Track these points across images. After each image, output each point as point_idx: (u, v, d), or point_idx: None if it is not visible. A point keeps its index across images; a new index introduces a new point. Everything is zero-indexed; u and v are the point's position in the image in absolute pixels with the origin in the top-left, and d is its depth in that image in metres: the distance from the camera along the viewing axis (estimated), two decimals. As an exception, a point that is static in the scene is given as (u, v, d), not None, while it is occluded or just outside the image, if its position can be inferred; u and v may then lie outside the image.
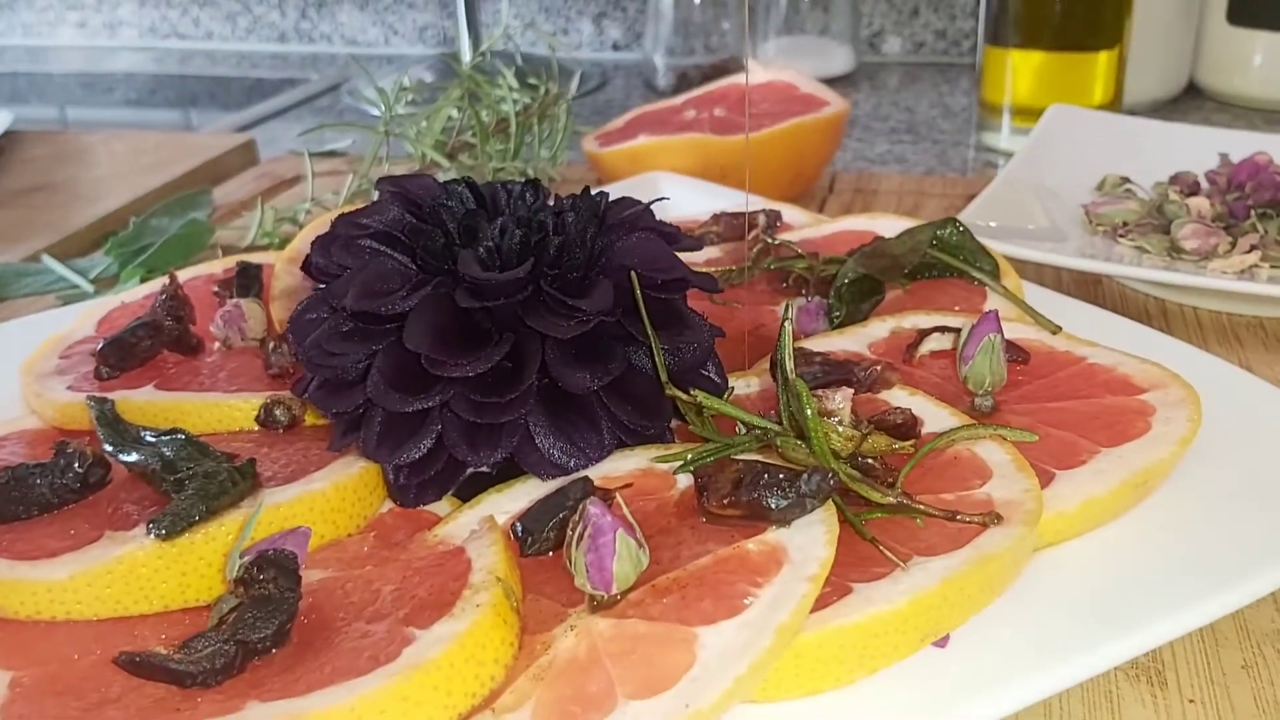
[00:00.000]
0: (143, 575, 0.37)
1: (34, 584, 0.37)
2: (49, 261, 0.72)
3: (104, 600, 0.37)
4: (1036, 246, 0.62)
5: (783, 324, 0.40)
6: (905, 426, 0.40)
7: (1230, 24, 1.11)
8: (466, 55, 1.28)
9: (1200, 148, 0.78)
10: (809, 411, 0.37)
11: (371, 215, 0.46)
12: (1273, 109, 1.11)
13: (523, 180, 0.48)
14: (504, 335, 0.42)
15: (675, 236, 0.47)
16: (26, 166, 0.94)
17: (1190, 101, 1.15)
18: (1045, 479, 0.40)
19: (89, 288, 0.69)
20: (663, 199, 0.47)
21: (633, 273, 0.43)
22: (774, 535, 0.35)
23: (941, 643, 0.35)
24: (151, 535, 0.37)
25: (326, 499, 0.40)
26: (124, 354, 0.49)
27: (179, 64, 1.52)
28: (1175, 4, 1.10)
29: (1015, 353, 0.47)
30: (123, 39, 1.60)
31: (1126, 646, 0.35)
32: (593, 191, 0.47)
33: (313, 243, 0.46)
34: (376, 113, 1.19)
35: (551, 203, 0.47)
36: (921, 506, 0.37)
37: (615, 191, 0.47)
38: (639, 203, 0.48)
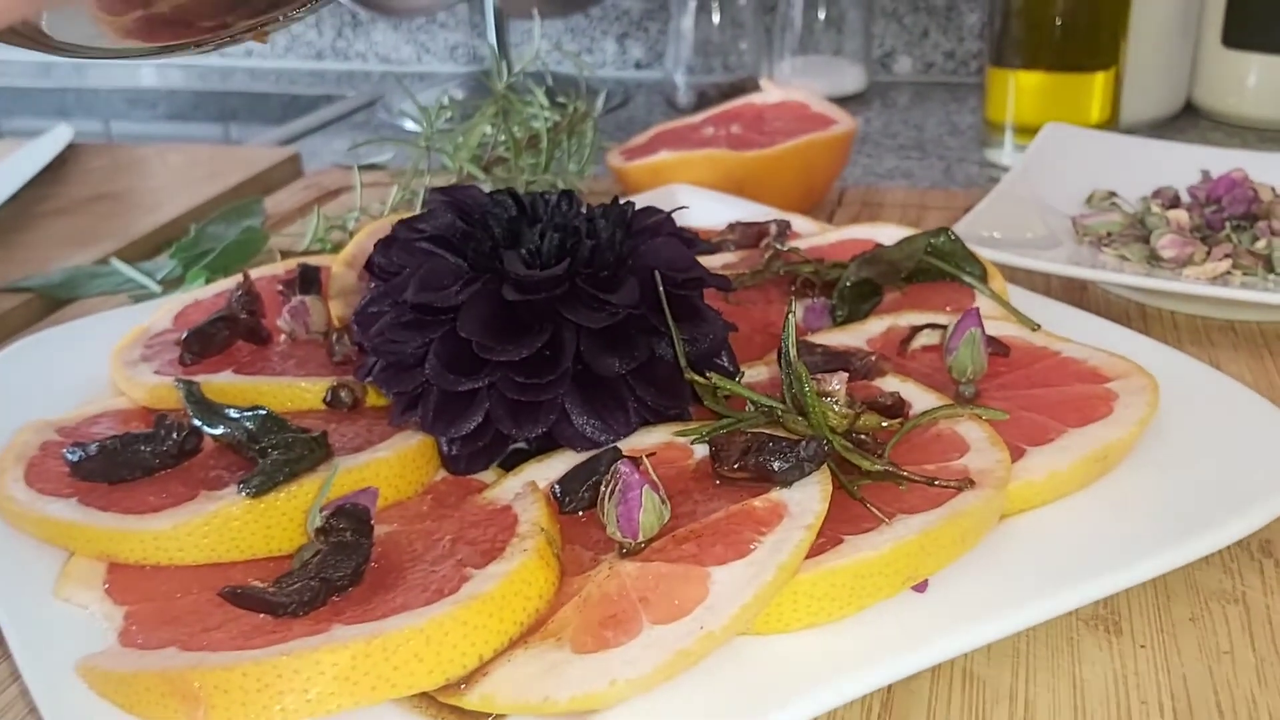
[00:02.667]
0: (234, 527, 0.43)
1: (142, 534, 0.43)
2: (117, 264, 0.79)
3: (200, 548, 0.43)
4: (1025, 254, 0.68)
5: (787, 316, 0.46)
6: (894, 407, 0.46)
7: (1225, 46, 1.16)
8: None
9: (1187, 164, 0.83)
10: (808, 390, 0.43)
11: (426, 221, 0.52)
12: (1266, 128, 1.16)
13: (557, 192, 0.54)
14: (543, 326, 0.48)
15: (694, 241, 0.53)
16: (89, 177, 1.00)
17: (1187, 121, 1.20)
18: (1017, 454, 0.46)
19: (157, 288, 0.76)
20: (682, 208, 0.53)
21: (656, 272, 0.49)
22: (776, 494, 0.41)
23: (920, 587, 0.41)
24: (242, 493, 0.44)
25: (390, 466, 0.47)
26: (205, 343, 0.55)
27: (220, 80, 1.59)
28: (1172, 27, 1.15)
29: (997, 346, 0.53)
30: (166, 56, 1.67)
31: (1085, 592, 0.41)
32: (619, 202, 0.53)
33: (375, 245, 0.52)
34: (412, 128, 1.26)
35: (584, 211, 0.53)
36: (905, 473, 0.43)
37: (639, 202, 0.53)
38: (661, 211, 0.54)
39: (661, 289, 0.49)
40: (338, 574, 0.40)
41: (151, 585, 0.43)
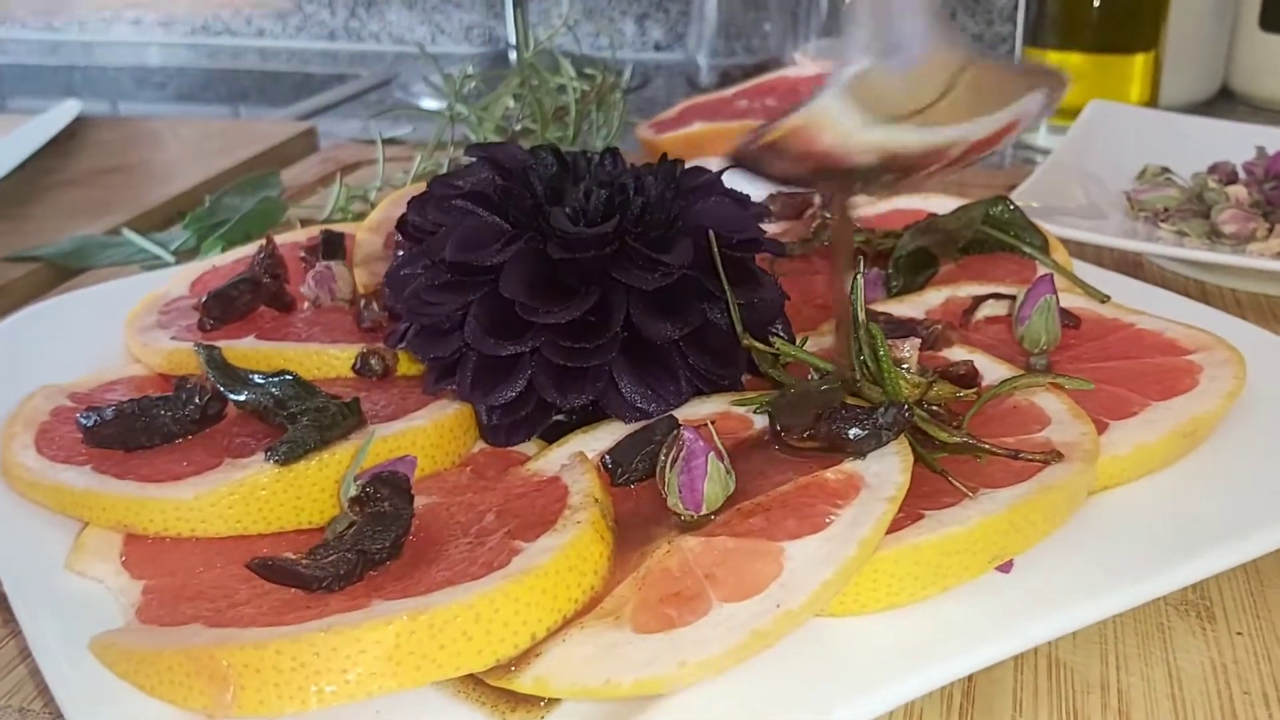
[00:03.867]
0: (261, 497, 0.40)
1: (163, 503, 0.40)
2: (129, 235, 0.76)
3: (225, 519, 0.40)
4: (1082, 226, 0.65)
5: (855, 277, 0.42)
6: (968, 376, 0.43)
7: (1262, 30, 1.13)
8: (513, 55, 1.32)
9: (1234, 142, 0.80)
10: (883, 353, 0.40)
11: (463, 177, 0.49)
12: (1304, 113, 1.13)
13: (597, 151, 0.51)
14: (590, 287, 0.45)
15: (748, 201, 0.50)
16: (98, 150, 0.97)
17: (1223, 105, 1.17)
18: (1099, 428, 0.43)
19: (170, 259, 0.73)
20: (735, 165, 0.50)
21: (711, 232, 0.46)
22: (850, 465, 0.38)
23: (1005, 568, 0.38)
24: (270, 461, 0.41)
25: (427, 434, 0.43)
26: (225, 307, 0.52)
27: (231, 59, 1.56)
28: (1209, 10, 1.12)
29: (1066, 318, 0.50)
30: (176, 35, 1.64)
31: (1182, 574, 0.38)
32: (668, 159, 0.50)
33: (409, 202, 0.49)
34: (429, 105, 1.23)
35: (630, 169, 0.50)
36: (987, 445, 0.39)
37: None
38: (710, 171, 0.51)
39: (716, 249, 0.45)
40: (375, 546, 0.37)
41: (172, 558, 0.40)
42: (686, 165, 0.50)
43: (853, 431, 0.37)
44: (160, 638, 0.34)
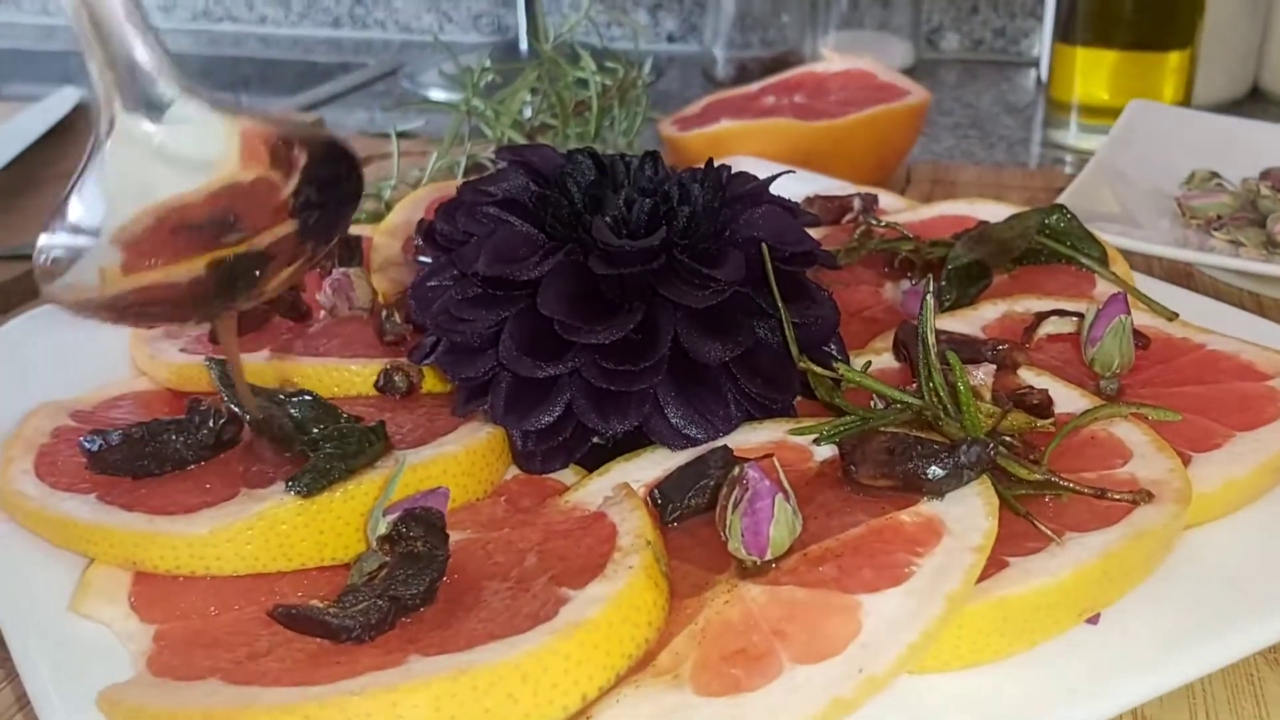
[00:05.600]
0: (282, 532, 0.37)
1: (174, 538, 0.37)
2: (131, 232, 0.72)
3: (243, 556, 0.37)
4: (1130, 234, 0.62)
5: (924, 298, 0.39)
6: (1043, 405, 0.40)
7: (1297, 28, 1.10)
8: (523, 45, 1.28)
9: (1277, 145, 0.77)
10: (961, 384, 0.36)
11: (495, 183, 0.46)
12: (1336, 113, 1.10)
13: (635, 155, 0.47)
14: (635, 304, 0.41)
15: (798, 210, 0.46)
16: (98, 140, 0.94)
17: (1254, 105, 1.14)
18: (1182, 461, 0.40)
19: (174, 258, 0.69)
20: (789, 171, 0.47)
21: (764, 245, 0.43)
22: (927, 507, 0.35)
23: (1094, 620, 0.35)
24: (291, 493, 0.37)
25: (459, 462, 0.40)
26: (238, 317, 0.49)
27: (232, 46, 1.52)
28: (1240, 8, 1.09)
29: (1137, 338, 0.47)
30: (176, 20, 1.60)
31: (1274, 629, 0.35)
32: (714, 165, 0.46)
33: (436, 209, 0.46)
34: (438, 96, 1.20)
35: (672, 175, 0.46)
36: (1070, 484, 0.36)
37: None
38: (756, 177, 0.48)
39: (769, 264, 0.42)
40: (409, 591, 0.33)
41: (185, 599, 0.36)
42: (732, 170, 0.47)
43: (932, 470, 0.34)
44: (175, 695, 0.31)
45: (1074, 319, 0.48)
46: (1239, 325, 0.51)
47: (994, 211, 0.59)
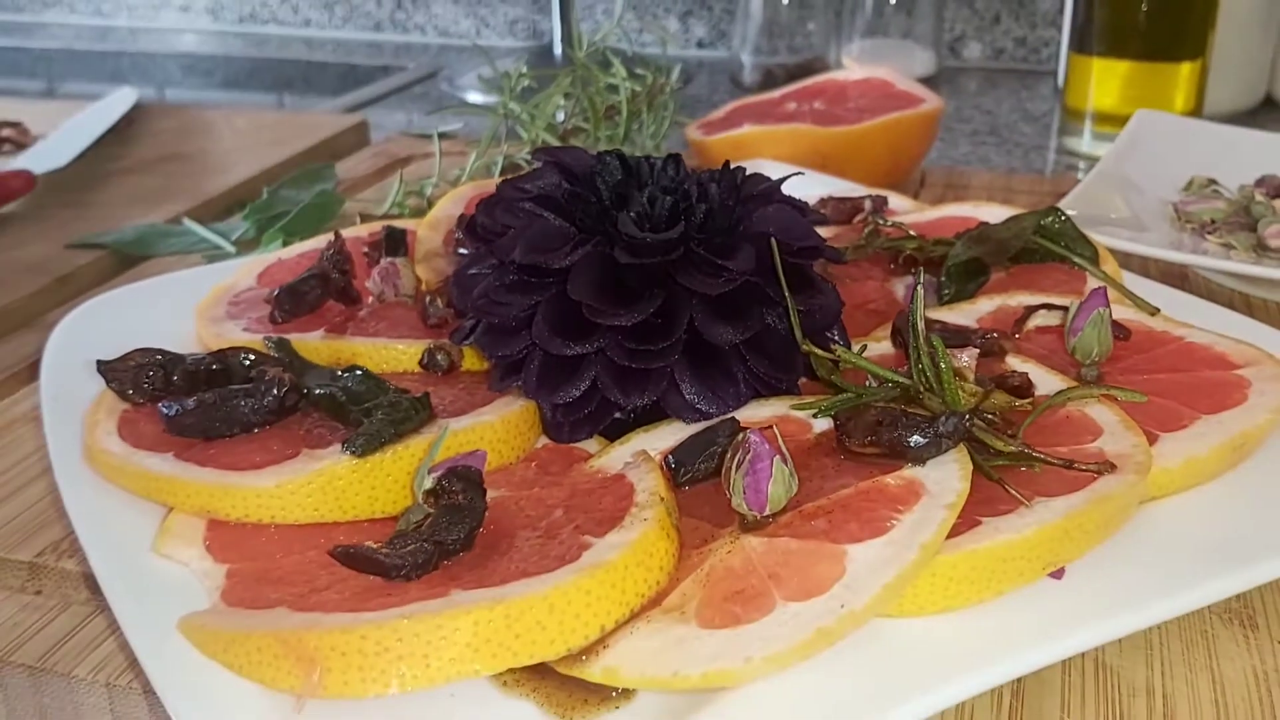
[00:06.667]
0: (338, 487, 0.42)
1: (244, 490, 0.42)
2: (190, 224, 0.78)
3: (304, 507, 0.42)
4: (1129, 237, 0.66)
5: (915, 289, 0.44)
6: (1023, 387, 0.44)
7: (1310, 40, 1.13)
8: (558, 49, 1.33)
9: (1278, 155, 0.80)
10: (944, 365, 0.41)
11: (531, 181, 0.50)
12: (1349, 124, 1.13)
13: (659, 156, 0.52)
14: (655, 291, 0.46)
15: (806, 209, 0.51)
16: (157, 139, 0.99)
17: (1267, 114, 1.17)
18: (1150, 440, 0.44)
19: (231, 249, 0.75)
20: (799, 172, 0.51)
21: (773, 239, 0.47)
22: (910, 471, 0.39)
23: (1058, 574, 0.39)
24: (347, 453, 0.42)
25: (495, 430, 0.45)
26: (296, 301, 0.54)
27: (277, 49, 1.58)
28: (1254, 18, 1.12)
29: (1117, 330, 0.51)
30: (224, 23, 1.66)
31: (1228, 584, 0.39)
32: (730, 166, 0.51)
33: (477, 205, 0.51)
34: (476, 99, 1.25)
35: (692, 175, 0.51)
36: (1042, 455, 0.41)
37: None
38: (769, 178, 0.52)
39: (777, 256, 0.47)
40: (451, 537, 0.38)
41: (253, 544, 0.41)
42: (747, 172, 0.52)
43: (914, 439, 0.39)
44: (248, 620, 0.36)
45: (1061, 312, 0.52)
46: (1228, 323, 0.55)
47: (996, 214, 0.63)
